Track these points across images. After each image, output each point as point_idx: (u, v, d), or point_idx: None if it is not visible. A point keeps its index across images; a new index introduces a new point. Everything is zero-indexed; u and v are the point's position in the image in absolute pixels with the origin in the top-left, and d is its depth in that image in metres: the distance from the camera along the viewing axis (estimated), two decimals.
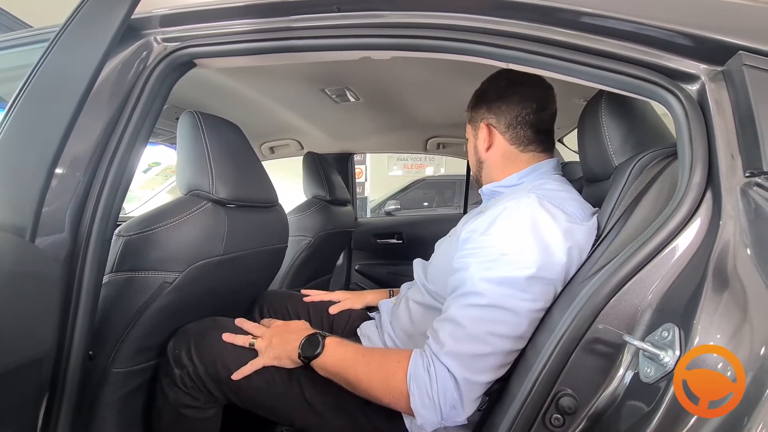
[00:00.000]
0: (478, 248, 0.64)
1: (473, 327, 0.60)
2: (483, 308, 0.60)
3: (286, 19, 0.69)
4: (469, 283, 0.62)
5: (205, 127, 0.85)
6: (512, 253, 0.60)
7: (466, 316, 0.61)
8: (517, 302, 0.59)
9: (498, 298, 0.59)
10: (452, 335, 0.61)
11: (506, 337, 0.59)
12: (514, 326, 0.59)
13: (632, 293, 0.48)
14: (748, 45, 0.48)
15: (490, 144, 0.82)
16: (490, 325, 0.59)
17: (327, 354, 0.70)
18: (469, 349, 0.59)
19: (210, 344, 0.79)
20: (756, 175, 0.45)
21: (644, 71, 0.55)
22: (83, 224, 0.64)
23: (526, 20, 0.60)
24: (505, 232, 0.63)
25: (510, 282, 0.59)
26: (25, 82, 0.55)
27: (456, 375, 0.59)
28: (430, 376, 0.60)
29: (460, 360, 0.59)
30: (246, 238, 0.93)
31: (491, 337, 0.59)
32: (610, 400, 0.46)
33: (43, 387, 0.58)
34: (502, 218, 0.64)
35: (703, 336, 0.39)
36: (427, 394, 0.59)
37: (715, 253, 0.43)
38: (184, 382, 0.78)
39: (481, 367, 0.59)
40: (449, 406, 0.59)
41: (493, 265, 0.61)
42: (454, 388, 0.59)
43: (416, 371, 0.61)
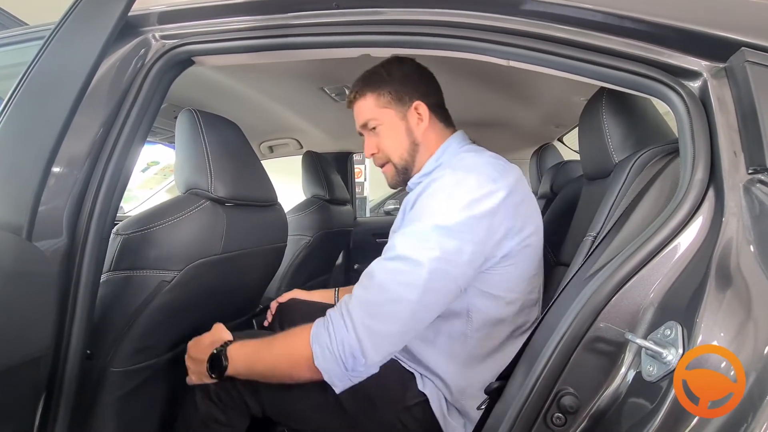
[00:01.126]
0: (405, 224, 0.70)
1: (380, 276, 0.65)
2: (391, 260, 0.66)
3: (285, 16, 0.69)
4: (389, 247, 0.68)
5: (203, 126, 0.85)
6: (425, 214, 0.67)
7: (377, 267, 0.66)
8: (418, 251, 0.64)
9: (403, 249, 0.65)
10: (364, 286, 0.66)
11: (407, 285, 0.63)
12: (414, 275, 0.63)
13: (634, 291, 0.47)
14: (750, 41, 0.48)
15: (427, 125, 0.83)
16: (394, 274, 0.64)
17: (232, 362, 0.71)
18: (373, 296, 0.64)
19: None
20: (759, 171, 0.45)
21: (646, 68, 0.54)
22: (81, 222, 0.63)
23: (527, 17, 0.59)
24: (424, 204, 0.69)
25: (415, 233, 0.65)
26: (20, 80, 0.54)
27: (355, 321, 0.62)
28: (329, 332, 0.63)
29: (365, 307, 0.63)
30: (245, 237, 0.92)
31: (393, 284, 0.63)
32: (612, 399, 0.46)
33: (40, 386, 0.58)
34: (425, 196, 0.70)
35: (706, 334, 0.38)
36: (328, 348, 0.62)
37: (718, 250, 0.43)
38: (219, 396, 0.77)
39: (383, 315, 0.63)
40: (349, 355, 0.62)
41: (408, 228, 0.67)
42: (352, 336, 0.61)
43: (317, 332, 0.65)
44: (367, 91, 0.85)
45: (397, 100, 0.83)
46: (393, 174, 0.87)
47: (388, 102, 0.83)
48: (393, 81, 0.83)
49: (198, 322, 0.94)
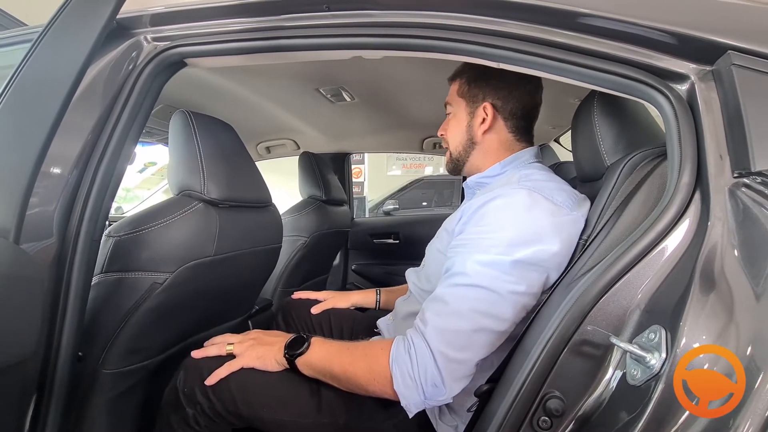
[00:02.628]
0: (469, 238, 0.66)
1: (457, 304, 0.62)
2: (467, 287, 0.62)
3: (277, 18, 0.69)
4: (458, 266, 0.64)
5: (196, 127, 0.85)
6: (502, 242, 0.62)
7: (450, 293, 0.63)
8: (500, 284, 0.61)
9: (481, 279, 0.61)
10: (436, 312, 0.63)
11: (488, 315, 0.61)
12: (494, 306, 0.61)
13: (620, 294, 0.47)
14: (737, 45, 0.48)
15: (489, 127, 0.80)
16: (472, 302, 0.61)
17: (312, 351, 0.71)
18: (451, 325, 0.61)
19: (226, 379, 0.71)
20: (744, 175, 0.45)
21: (634, 71, 0.54)
22: (71, 225, 0.63)
23: (517, 20, 0.59)
24: (496, 220, 0.65)
25: (494, 264, 0.62)
26: (8, 82, 0.54)
27: (434, 350, 0.60)
28: (411, 357, 0.62)
29: (442, 335, 0.61)
30: (238, 239, 0.92)
31: (473, 313, 0.61)
32: (598, 402, 0.46)
33: (29, 389, 0.58)
34: (492, 209, 0.66)
35: (689, 338, 0.38)
36: (409, 375, 0.61)
37: (703, 254, 0.43)
38: (198, 421, 0.71)
39: (461, 344, 0.61)
40: (430, 385, 0.60)
41: (483, 251, 0.63)
42: (433, 365, 0.60)
43: (397, 354, 0.63)
44: (458, 75, 0.85)
45: (470, 95, 0.82)
46: (448, 159, 0.88)
47: (464, 93, 0.83)
48: (477, 75, 0.82)
49: (191, 324, 0.94)
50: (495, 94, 0.80)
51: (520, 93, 0.80)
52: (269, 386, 0.73)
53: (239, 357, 0.73)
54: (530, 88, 0.81)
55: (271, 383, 0.73)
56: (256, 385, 0.72)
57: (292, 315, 1.09)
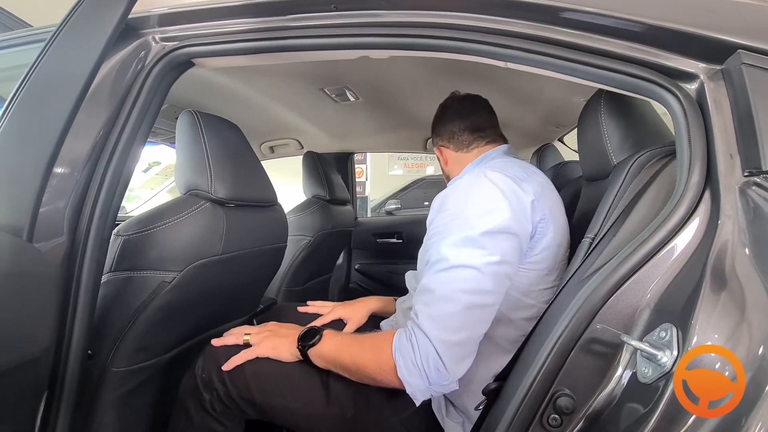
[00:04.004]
0: (439, 225, 0.71)
1: (441, 288, 0.64)
2: (447, 270, 0.65)
3: (284, 18, 0.69)
4: (434, 254, 0.67)
5: (203, 127, 0.85)
6: (465, 216, 0.67)
7: (434, 281, 0.66)
8: (476, 259, 0.64)
9: (458, 258, 0.64)
10: (425, 302, 0.65)
11: (473, 292, 0.63)
12: (476, 281, 0.64)
13: (630, 293, 0.48)
14: (747, 44, 0.48)
15: (446, 160, 0.96)
16: (456, 283, 0.64)
17: (323, 342, 0.73)
18: (440, 310, 0.64)
19: (241, 366, 0.75)
20: (755, 174, 0.45)
21: (643, 70, 0.54)
22: (81, 224, 0.64)
23: (525, 19, 0.59)
24: (456, 202, 0.71)
25: (465, 242, 0.65)
26: (21, 82, 0.55)
27: (432, 338, 0.62)
28: (412, 344, 0.63)
29: (436, 322, 0.63)
30: (245, 238, 0.93)
31: (459, 293, 0.63)
32: (608, 400, 0.46)
33: (41, 386, 0.58)
34: (453, 193, 0.72)
35: (700, 336, 0.38)
36: (412, 362, 0.63)
37: (714, 252, 0.43)
38: (214, 407, 0.76)
39: (454, 325, 0.63)
40: (433, 370, 0.62)
41: (452, 233, 0.66)
42: (434, 351, 0.62)
43: (400, 343, 0.65)
44: (432, 135, 1.01)
45: (435, 146, 0.99)
46: None
47: (443, 137, 0.96)
48: (443, 117, 0.96)
49: (198, 323, 0.95)
50: (437, 138, 0.97)
51: (444, 124, 0.94)
52: (282, 375, 0.76)
53: (255, 346, 0.77)
54: (450, 115, 0.94)
55: (285, 372, 0.76)
56: (270, 373, 0.76)
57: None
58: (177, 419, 0.79)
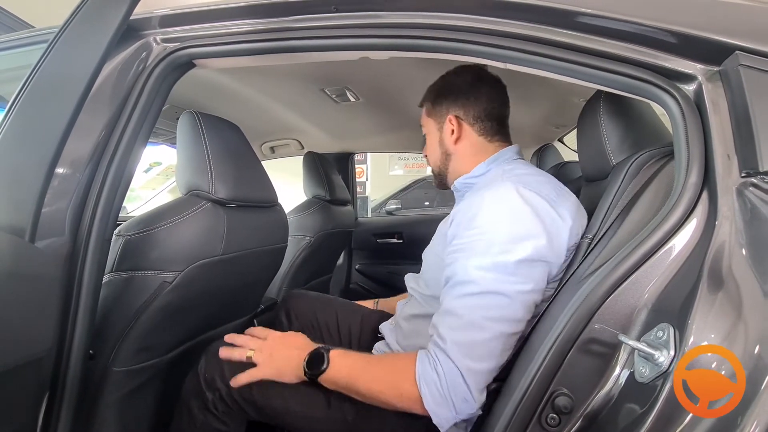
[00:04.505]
0: (465, 242, 0.66)
1: (470, 315, 0.61)
2: (476, 296, 0.61)
3: (285, 19, 0.69)
4: (460, 274, 0.63)
5: (204, 127, 0.86)
6: (498, 240, 0.63)
7: (461, 305, 0.62)
8: (508, 286, 0.61)
9: (489, 284, 0.61)
10: (451, 326, 0.62)
11: (502, 320, 0.61)
12: (507, 309, 0.61)
13: (628, 293, 0.48)
14: (744, 45, 0.48)
15: (458, 136, 0.84)
16: (485, 310, 0.61)
17: (333, 368, 0.69)
18: (468, 337, 0.60)
19: (244, 367, 0.75)
20: (752, 175, 0.45)
21: (641, 71, 0.55)
22: (83, 224, 0.64)
23: (524, 20, 0.60)
24: (488, 220, 0.65)
25: (498, 267, 0.61)
26: (24, 83, 0.55)
27: (460, 366, 0.59)
28: (438, 374, 0.60)
29: (461, 349, 0.60)
30: (245, 238, 0.93)
31: (488, 322, 0.60)
32: (606, 399, 0.46)
33: (43, 386, 0.59)
34: (483, 208, 0.66)
35: (697, 336, 0.39)
36: (439, 392, 0.60)
37: (711, 253, 0.43)
38: (216, 406, 0.76)
39: (482, 354, 0.60)
40: (461, 399, 0.59)
41: (481, 254, 0.63)
42: (462, 380, 0.59)
43: (424, 371, 0.62)
44: (424, 100, 0.92)
45: (435, 113, 0.88)
46: (433, 176, 0.94)
47: (429, 112, 0.90)
48: (435, 92, 0.89)
49: (199, 323, 0.95)
50: (456, 105, 0.84)
51: (478, 98, 0.83)
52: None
53: (259, 367, 0.73)
54: (487, 90, 0.84)
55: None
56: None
57: (294, 312, 1.09)
58: (180, 418, 0.79)
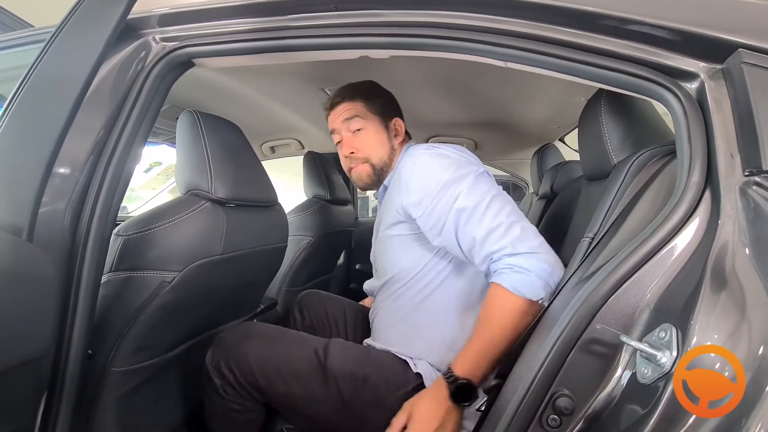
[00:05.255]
0: (432, 202, 0.77)
1: (500, 219, 0.72)
2: (488, 207, 0.73)
3: (284, 18, 0.69)
4: (462, 210, 0.74)
5: (204, 127, 0.85)
6: (444, 182, 0.76)
7: (488, 220, 0.72)
8: (489, 190, 0.75)
9: (481, 197, 0.74)
10: (502, 234, 0.71)
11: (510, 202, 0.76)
12: (504, 197, 0.76)
13: (630, 293, 0.47)
14: (747, 42, 0.48)
15: (402, 139, 0.98)
16: (503, 207, 0.74)
17: (469, 374, 0.69)
18: (516, 231, 0.71)
19: (246, 353, 0.80)
20: (755, 174, 0.44)
21: (643, 69, 0.54)
22: (81, 223, 0.64)
23: (524, 18, 0.59)
24: (420, 178, 0.80)
25: (472, 186, 0.75)
26: (22, 82, 0.55)
27: (522, 253, 0.69)
28: (519, 271, 0.68)
29: (521, 240, 0.70)
30: (245, 238, 0.93)
31: (509, 214, 0.73)
32: (608, 400, 0.46)
33: (41, 386, 0.58)
34: (411, 176, 0.81)
35: (700, 336, 0.38)
36: (534, 282, 0.67)
37: (714, 252, 0.43)
38: (226, 390, 0.81)
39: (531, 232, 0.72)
40: (548, 273, 0.67)
41: (454, 194, 0.75)
42: (535, 259, 0.68)
43: (511, 283, 0.68)
44: (358, 97, 0.96)
45: (383, 112, 0.97)
46: (369, 173, 0.96)
47: (377, 111, 0.96)
48: (383, 96, 1.00)
49: (198, 323, 0.95)
50: (397, 112, 1.00)
51: (398, 111, 1.01)
52: (283, 361, 0.80)
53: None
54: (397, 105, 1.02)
55: (285, 358, 0.80)
56: (271, 359, 0.80)
57: (306, 309, 1.13)
58: (206, 401, 0.86)
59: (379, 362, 0.80)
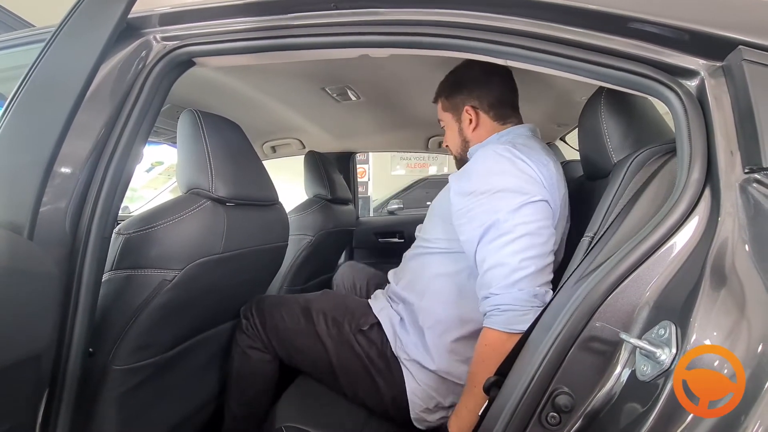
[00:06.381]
0: (469, 203, 0.76)
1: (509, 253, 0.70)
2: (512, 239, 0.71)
3: (285, 17, 0.69)
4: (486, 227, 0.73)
5: (204, 126, 0.85)
6: (497, 189, 0.73)
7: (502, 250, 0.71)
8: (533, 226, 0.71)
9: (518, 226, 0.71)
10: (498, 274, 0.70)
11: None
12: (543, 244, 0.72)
13: (630, 291, 0.47)
14: (747, 39, 0.47)
15: (476, 124, 0.94)
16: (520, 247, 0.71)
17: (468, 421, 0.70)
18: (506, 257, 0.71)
19: (264, 316, 1.02)
20: (755, 171, 0.44)
21: (643, 67, 0.54)
22: (82, 222, 0.64)
23: (525, 16, 0.59)
24: (480, 176, 0.77)
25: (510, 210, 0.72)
26: (22, 82, 0.55)
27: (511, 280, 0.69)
28: (506, 308, 0.68)
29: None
30: (246, 237, 0.93)
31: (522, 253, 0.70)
32: (607, 398, 0.46)
33: (42, 383, 0.59)
34: (475, 167, 0.78)
35: (699, 333, 0.38)
36: (520, 318, 0.67)
37: (714, 250, 0.43)
38: (248, 328, 1.02)
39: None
40: (538, 299, 0.68)
41: (492, 205, 0.73)
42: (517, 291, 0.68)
43: (498, 322, 0.69)
44: (438, 95, 1.01)
45: (452, 106, 0.97)
46: (456, 162, 1.04)
47: (446, 107, 0.99)
48: (449, 87, 0.98)
49: (199, 322, 0.95)
50: (471, 97, 0.94)
51: (491, 87, 0.93)
52: (289, 336, 1.00)
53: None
54: (498, 80, 0.93)
55: (292, 333, 1.00)
56: (284, 329, 1.01)
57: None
58: (231, 348, 1.04)
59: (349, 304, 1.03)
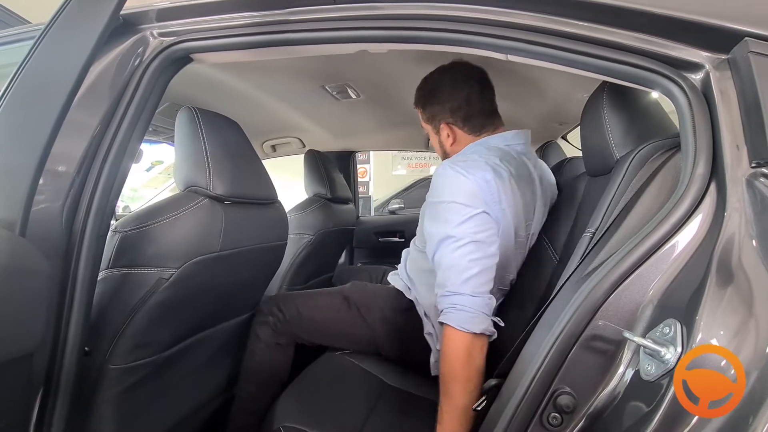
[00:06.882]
0: (430, 212, 0.83)
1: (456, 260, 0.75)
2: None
3: (282, 12, 0.68)
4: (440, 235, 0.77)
5: (202, 123, 0.85)
6: (449, 201, 0.77)
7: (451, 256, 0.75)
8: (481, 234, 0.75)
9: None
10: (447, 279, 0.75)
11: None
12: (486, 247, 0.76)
13: (633, 289, 0.46)
14: (754, 31, 0.46)
15: (453, 140, 0.93)
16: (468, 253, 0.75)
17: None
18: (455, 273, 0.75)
19: (296, 304, 1.09)
20: (762, 165, 0.43)
21: (646, 60, 0.53)
22: (78, 220, 0.63)
23: (526, 10, 0.58)
24: (436, 188, 0.82)
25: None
26: (12, 79, 0.54)
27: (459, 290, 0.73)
28: (460, 308, 0.71)
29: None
30: (244, 235, 0.92)
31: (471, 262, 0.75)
32: (610, 398, 0.45)
33: (36, 382, 0.58)
34: (435, 179, 0.82)
35: (705, 332, 0.37)
36: (471, 320, 0.70)
37: (719, 246, 0.41)
38: (269, 318, 1.07)
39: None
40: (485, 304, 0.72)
41: (446, 216, 0.77)
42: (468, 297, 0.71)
43: (456, 321, 0.71)
44: (415, 104, 0.99)
45: (429, 118, 0.96)
46: None
47: (425, 118, 0.97)
48: (423, 97, 0.95)
49: (197, 321, 0.94)
50: (444, 112, 0.91)
51: (461, 102, 0.89)
52: (319, 325, 1.08)
53: None
54: (467, 92, 0.89)
55: (323, 322, 1.09)
56: (314, 319, 1.08)
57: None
58: (250, 341, 1.08)
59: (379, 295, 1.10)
